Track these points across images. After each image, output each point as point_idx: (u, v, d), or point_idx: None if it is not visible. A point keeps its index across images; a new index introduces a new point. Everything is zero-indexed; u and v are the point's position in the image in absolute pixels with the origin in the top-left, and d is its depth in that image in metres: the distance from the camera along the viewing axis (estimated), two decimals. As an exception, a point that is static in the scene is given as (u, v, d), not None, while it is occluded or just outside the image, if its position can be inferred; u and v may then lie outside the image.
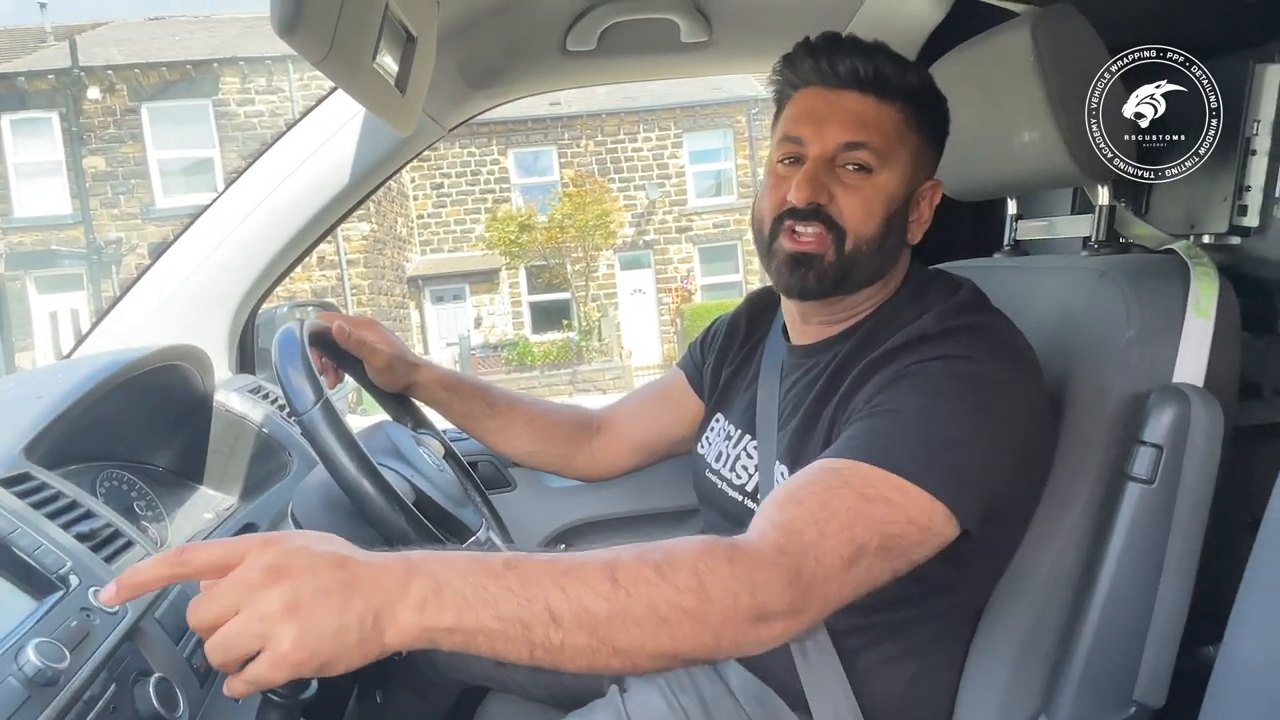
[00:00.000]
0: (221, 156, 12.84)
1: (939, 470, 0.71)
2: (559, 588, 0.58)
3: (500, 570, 0.58)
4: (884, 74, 0.84)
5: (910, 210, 0.89)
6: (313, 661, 0.54)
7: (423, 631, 0.56)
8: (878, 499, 0.69)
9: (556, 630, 0.57)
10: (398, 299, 13.84)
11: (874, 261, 0.87)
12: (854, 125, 0.84)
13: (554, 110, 14.27)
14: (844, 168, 0.85)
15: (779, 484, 0.88)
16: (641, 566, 0.60)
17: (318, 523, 0.96)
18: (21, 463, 0.85)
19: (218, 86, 12.82)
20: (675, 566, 0.60)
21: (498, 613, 0.57)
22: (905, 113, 0.86)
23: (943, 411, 0.74)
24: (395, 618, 0.56)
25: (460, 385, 1.20)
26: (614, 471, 1.26)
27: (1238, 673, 0.62)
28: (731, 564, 0.61)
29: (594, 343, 14.22)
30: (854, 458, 0.72)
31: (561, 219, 13.98)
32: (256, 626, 0.53)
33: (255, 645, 0.54)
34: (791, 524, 0.66)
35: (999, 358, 0.78)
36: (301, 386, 0.89)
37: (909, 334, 0.81)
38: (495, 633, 0.57)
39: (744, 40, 1.42)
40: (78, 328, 12.19)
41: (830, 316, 0.93)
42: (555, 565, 0.59)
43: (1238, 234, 1.06)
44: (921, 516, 0.70)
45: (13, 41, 14.04)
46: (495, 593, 0.57)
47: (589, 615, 0.58)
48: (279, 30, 0.70)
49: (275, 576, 0.54)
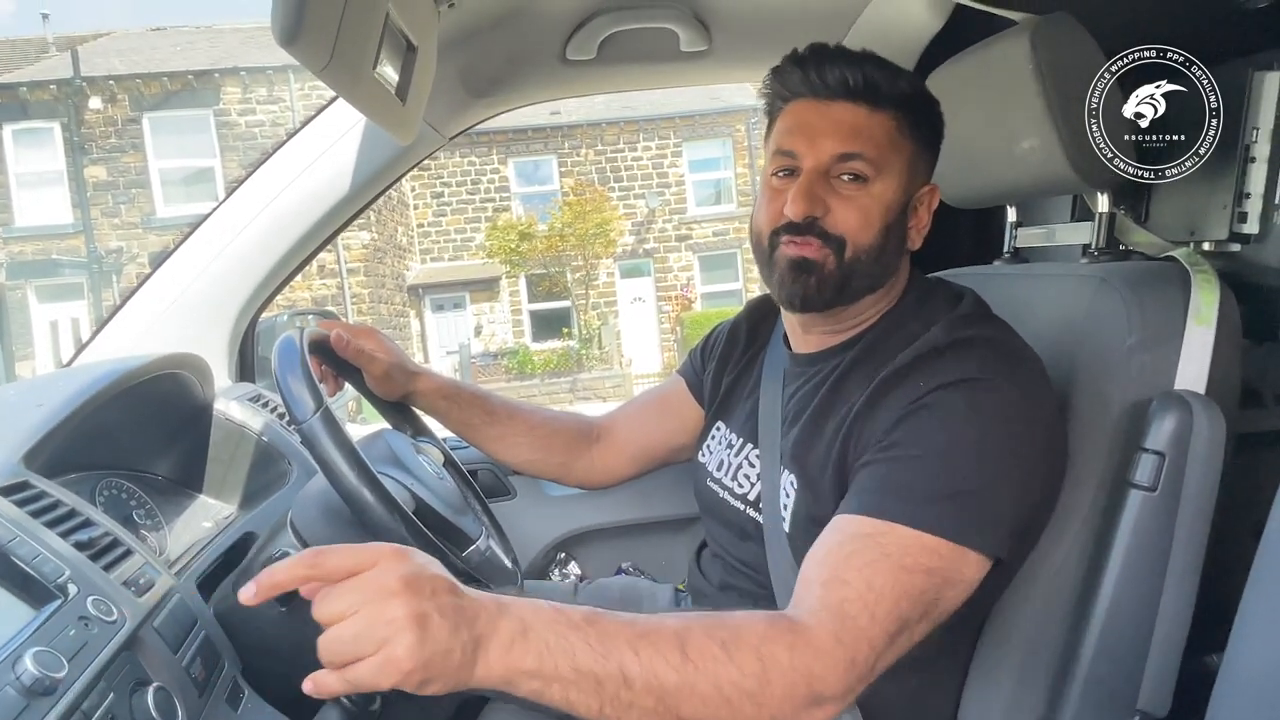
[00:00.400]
0: (222, 166, 12.88)
1: (969, 521, 0.72)
2: (633, 650, 0.61)
3: (580, 624, 0.62)
4: (874, 82, 0.84)
5: (908, 217, 0.89)
6: (418, 674, 0.56)
7: (507, 671, 0.59)
8: (917, 569, 0.71)
9: (627, 691, 0.61)
10: (398, 307, 13.85)
11: (874, 270, 0.87)
12: (847, 136, 0.84)
13: (554, 119, 14.31)
14: (839, 178, 0.85)
15: (787, 495, 0.88)
16: (709, 643, 0.63)
17: (317, 532, 0.95)
18: (21, 471, 0.85)
19: (219, 96, 12.87)
20: (740, 647, 0.64)
21: (574, 664, 0.60)
22: (898, 120, 0.85)
23: (967, 453, 0.74)
24: (488, 653, 0.59)
25: (459, 394, 1.20)
26: (614, 479, 1.26)
27: (1242, 681, 0.62)
28: (792, 653, 0.65)
29: (594, 351, 14.22)
30: (886, 518, 0.73)
31: (562, 227, 14.00)
32: (381, 630, 0.55)
33: (371, 648, 0.55)
34: (843, 609, 0.68)
35: (1014, 378, 0.77)
36: (301, 395, 0.89)
37: (919, 349, 0.81)
38: (570, 683, 0.60)
39: (743, 49, 1.42)
40: (78, 337, 12.15)
41: (832, 327, 0.93)
42: (631, 627, 0.63)
43: (1238, 241, 1.06)
44: (955, 573, 0.72)
45: (15, 52, 14.09)
46: (575, 643, 0.60)
47: (658, 683, 0.61)
48: (280, 40, 0.70)
49: (407, 586, 0.57)
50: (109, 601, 0.75)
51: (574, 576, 1.60)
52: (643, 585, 1.29)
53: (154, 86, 12.76)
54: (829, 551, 0.73)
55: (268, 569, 0.59)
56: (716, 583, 1.02)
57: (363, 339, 1.12)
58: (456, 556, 0.96)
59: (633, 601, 1.22)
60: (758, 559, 0.93)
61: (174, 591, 0.88)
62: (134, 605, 0.79)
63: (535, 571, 1.58)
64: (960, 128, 1.05)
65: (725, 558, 1.01)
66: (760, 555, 0.92)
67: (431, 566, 0.60)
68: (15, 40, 14.76)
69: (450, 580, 0.60)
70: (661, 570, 1.56)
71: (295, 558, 0.59)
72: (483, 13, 1.22)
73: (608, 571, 1.58)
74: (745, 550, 0.96)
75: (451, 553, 0.95)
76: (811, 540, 0.77)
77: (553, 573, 1.60)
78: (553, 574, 1.60)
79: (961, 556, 0.72)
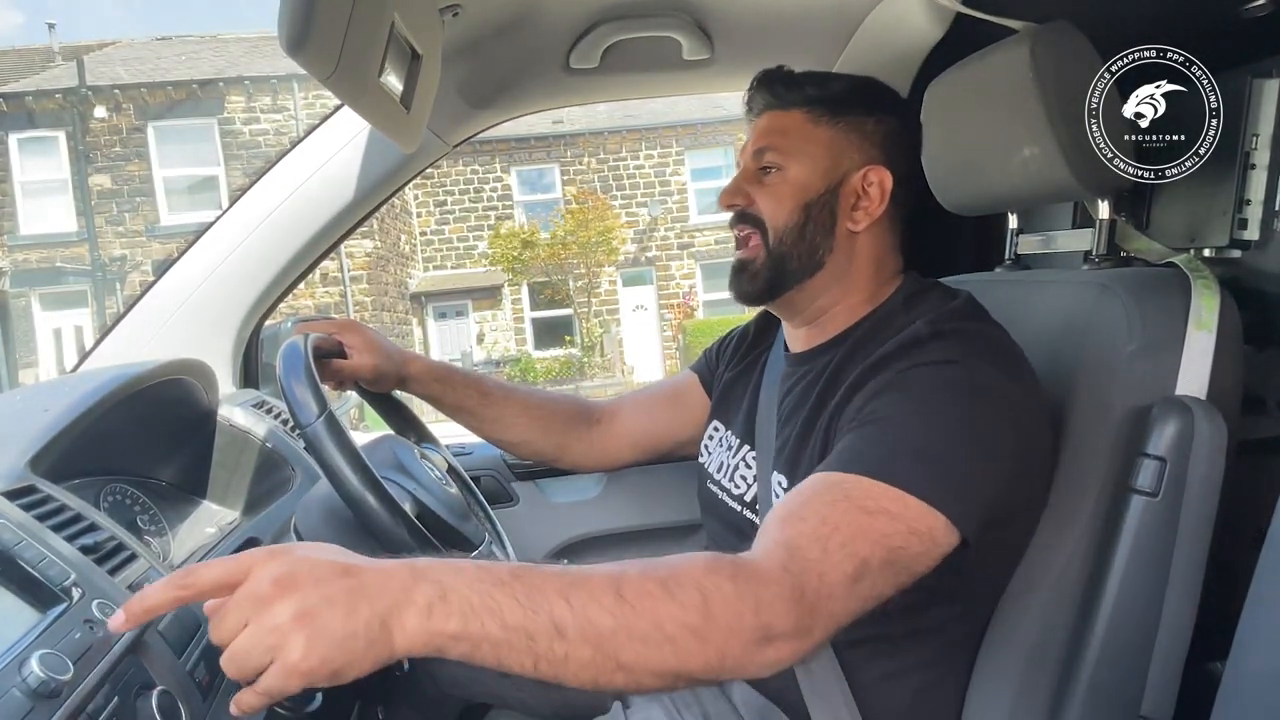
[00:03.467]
0: (226, 175, 12.93)
1: (936, 480, 0.71)
2: (564, 599, 0.58)
3: (506, 579, 0.59)
4: (778, 93, 0.96)
5: (846, 198, 0.93)
6: (323, 669, 0.54)
7: (430, 637, 0.56)
8: (878, 511, 0.68)
9: (561, 642, 0.57)
10: (401, 315, 13.88)
11: (801, 250, 0.93)
12: (761, 136, 0.96)
13: (557, 128, 14.37)
14: (760, 171, 0.95)
15: (778, 496, 0.88)
16: (646, 582, 0.60)
17: (321, 536, 0.95)
18: (27, 475, 0.85)
19: (223, 105, 12.93)
20: (680, 583, 0.60)
21: (503, 621, 0.57)
22: (810, 113, 0.94)
23: (934, 419, 0.74)
24: (403, 623, 0.56)
25: (452, 376, 1.20)
26: (611, 463, 1.26)
27: (1244, 687, 0.61)
28: (735, 582, 0.61)
29: (596, 359, 14.24)
30: (851, 470, 0.72)
31: (564, 236, 14.03)
32: (267, 639, 0.54)
33: (267, 657, 0.54)
34: (794, 541, 0.66)
35: (989, 363, 0.78)
36: (305, 399, 0.89)
37: (901, 340, 0.82)
38: (500, 641, 0.57)
39: (745, 59, 1.43)
40: (81, 345, 12.23)
41: (809, 320, 0.96)
42: (561, 577, 0.60)
43: (1238, 247, 1.06)
44: (921, 526, 0.69)
45: (21, 61, 14.18)
46: (501, 600, 0.57)
47: (593, 629, 0.58)
48: (287, 48, 0.71)
49: (282, 588, 0.55)
50: (114, 605, 0.75)
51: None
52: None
53: (159, 95, 12.83)
54: (787, 500, 0.72)
55: (138, 593, 0.57)
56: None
57: (345, 333, 1.12)
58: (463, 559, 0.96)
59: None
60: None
61: (178, 596, 0.88)
62: (138, 609, 0.79)
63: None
64: (961, 136, 1.05)
65: (725, 562, 1.01)
66: (758, 558, 0.92)
67: (320, 554, 0.58)
68: (22, 50, 14.87)
69: (342, 562, 0.57)
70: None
71: (166, 579, 0.57)
72: (487, 22, 1.23)
73: (610, 578, 1.58)
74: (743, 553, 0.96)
75: (455, 557, 0.95)
76: None
77: (555, 579, 1.60)
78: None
79: (927, 513, 0.69)
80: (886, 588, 0.69)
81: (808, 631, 0.63)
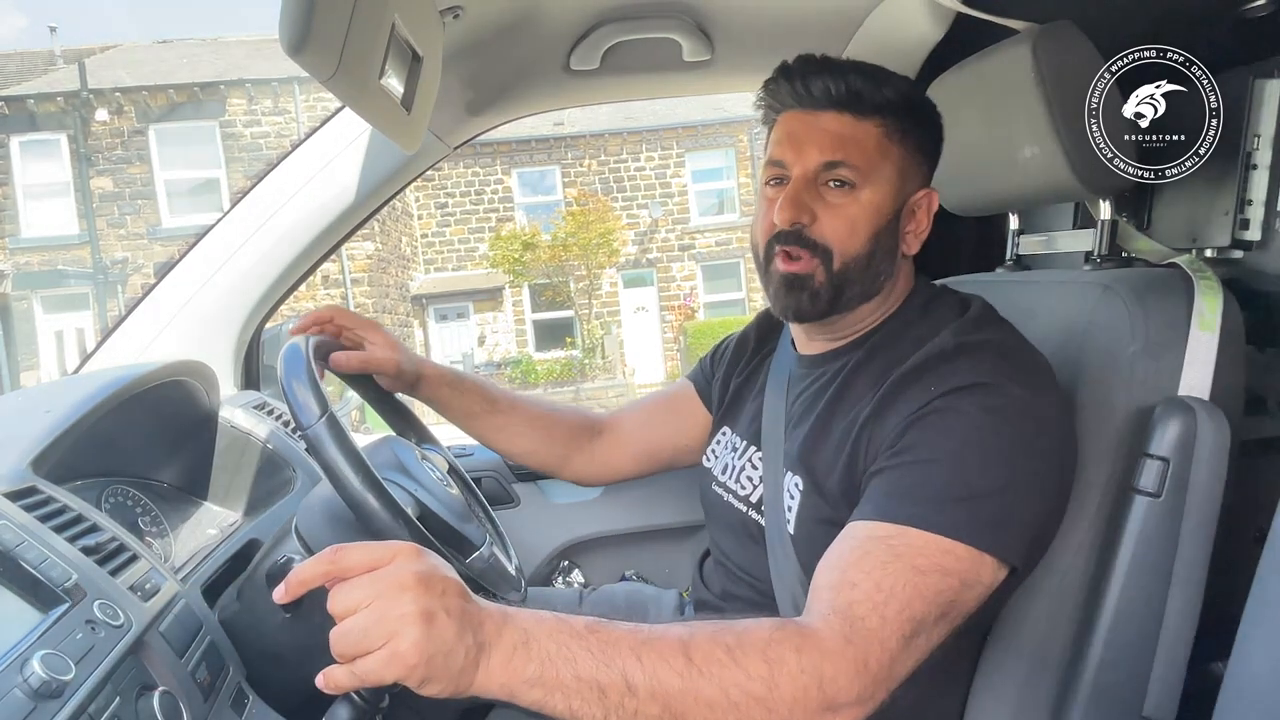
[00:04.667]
0: (227, 177, 12.93)
1: (984, 524, 0.71)
2: (636, 657, 0.61)
3: (582, 631, 0.62)
4: (857, 91, 0.85)
5: (904, 222, 0.89)
6: (421, 670, 0.57)
7: (508, 679, 0.59)
8: (930, 570, 0.69)
9: (631, 699, 0.60)
10: (402, 317, 13.88)
11: (865, 278, 0.88)
12: (832, 144, 0.85)
13: (557, 130, 14.38)
14: (827, 186, 0.86)
15: (792, 496, 0.88)
16: (714, 647, 0.63)
17: (321, 538, 0.95)
18: (29, 476, 0.85)
19: (224, 108, 12.94)
20: (746, 651, 0.63)
21: (576, 672, 0.60)
22: (885, 126, 0.86)
23: (980, 456, 0.74)
24: (489, 661, 0.59)
25: (461, 382, 1.19)
26: (613, 476, 1.26)
27: (1247, 688, 0.61)
28: (800, 655, 0.63)
29: (597, 360, 14.23)
30: (898, 520, 0.72)
31: (565, 237, 14.02)
32: (389, 623, 0.56)
33: (380, 641, 0.56)
34: (852, 610, 0.67)
35: (1023, 382, 0.77)
36: (307, 400, 0.89)
37: (927, 353, 0.81)
38: (573, 692, 0.60)
39: (745, 59, 1.43)
40: (83, 347, 12.24)
41: (834, 334, 0.93)
42: (633, 635, 0.63)
43: (1240, 248, 1.06)
44: (972, 574, 0.71)
45: (23, 64, 14.21)
46: (576, 652, 0.60)
47: (663, 689, 0.61)
48: (288, 49, 0.71)
49: (420, 583, 0.58)
50: (115, 606, 0.75)
51: (578, 584, 1.60)
52: (648, 591, 1.29)
53: (160, 98, 12.83)
54: (839, 557, 0.73)
55: (296, 569, 0.61)
56: (718, 591, 1.02)
57: (369, 330, 1.11)
58: (460, 563, 0.96)
59: (638, 607, 1.22)
60: (759, 565, 0.93)
61: (179, 597, 0.88)
62: (140, 610, 0.79)
63: (539, 579, 1.58)
64: (962, 136, 1.05)
65: (727, 564, 1.01)
66: (762, 560, 0.92)
67: (444, 569, 0.61)
68: (24, 53, 14.88)
69: (461, 584, 0.61)
70: (665, 578, 1.56)
71: (316, 556, 0.61)
72: (487, 23, 1.23)
73: (612, 579, 1.58)
74: (747, 556, 0.96)
75: (455, 559, 0.95)
76: (818, 543, 0.77)
77: (557, 580, 1.60)
78: (557, 581, 1.60)
79: (977, 560, 0.71)
80: (941, 637, 0.71)
81: (871, 698, 0.66)
